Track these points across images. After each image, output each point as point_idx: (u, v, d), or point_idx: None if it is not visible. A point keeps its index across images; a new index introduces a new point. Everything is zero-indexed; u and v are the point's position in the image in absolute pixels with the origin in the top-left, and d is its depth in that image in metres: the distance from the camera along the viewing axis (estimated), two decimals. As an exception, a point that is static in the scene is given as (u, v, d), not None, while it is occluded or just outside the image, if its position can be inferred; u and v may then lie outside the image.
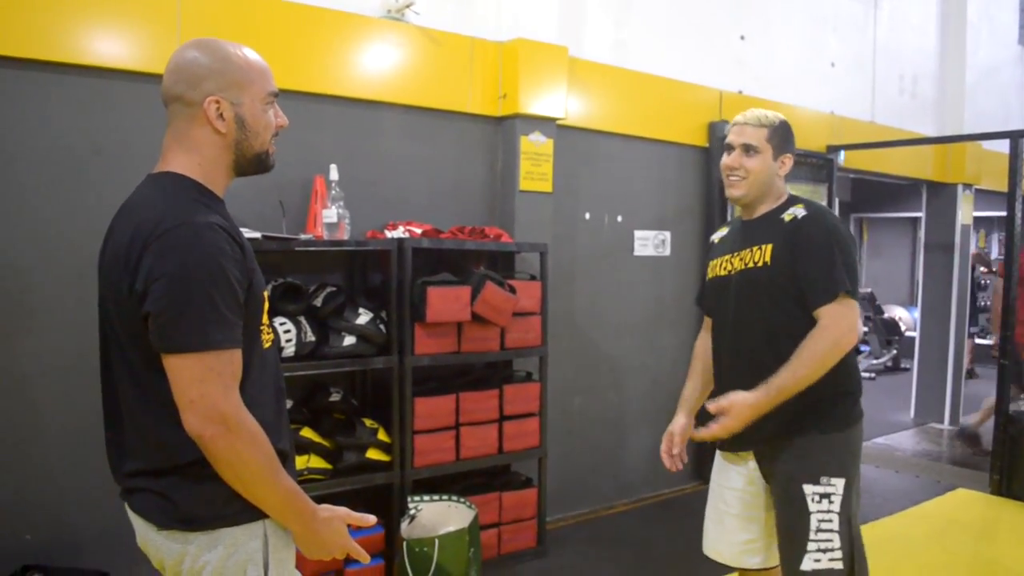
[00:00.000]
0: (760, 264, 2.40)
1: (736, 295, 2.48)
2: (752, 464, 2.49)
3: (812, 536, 2.28)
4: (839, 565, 2.27)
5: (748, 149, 2.45)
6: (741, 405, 2.21)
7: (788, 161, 2.48)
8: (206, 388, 1.46)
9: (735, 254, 2.52)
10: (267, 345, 1.71)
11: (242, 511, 1.59)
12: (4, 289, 3.05)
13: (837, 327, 2.23)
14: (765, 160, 2.45)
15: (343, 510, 1.69)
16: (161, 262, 1.47)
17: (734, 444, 2.47)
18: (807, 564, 2.28)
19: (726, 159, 2.50)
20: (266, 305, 1.69)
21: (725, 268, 2.56)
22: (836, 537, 2.28)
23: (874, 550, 4.22)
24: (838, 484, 2.31)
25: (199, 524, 1.58)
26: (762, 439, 2.40)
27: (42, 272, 3.11)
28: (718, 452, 2.63)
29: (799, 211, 2.41)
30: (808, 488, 2.30)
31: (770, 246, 2.39)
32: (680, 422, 2.67)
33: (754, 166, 2.45)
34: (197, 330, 1.46)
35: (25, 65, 3.03)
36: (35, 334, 3.11)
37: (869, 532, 4.45)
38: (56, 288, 3.12)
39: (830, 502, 2.29)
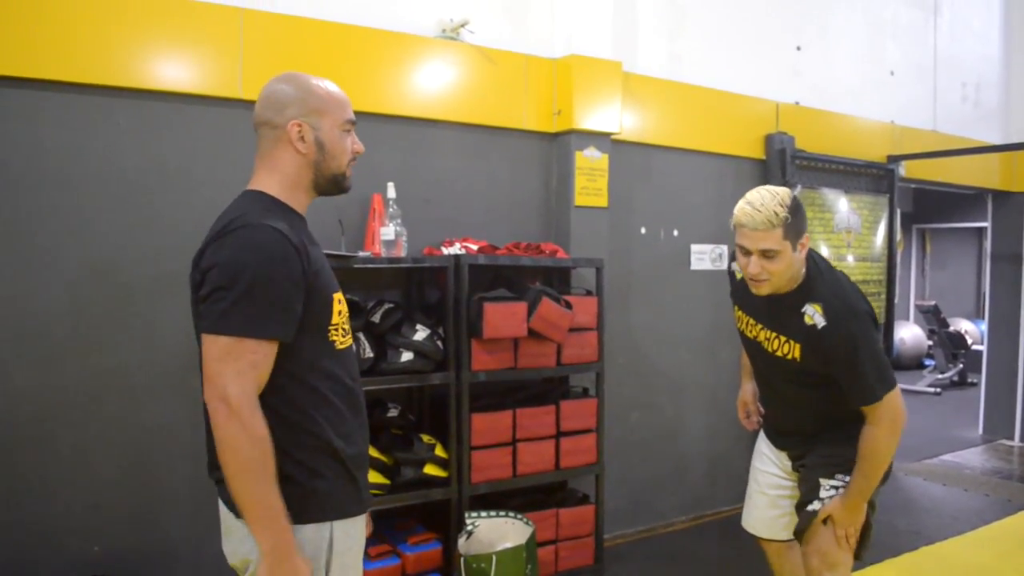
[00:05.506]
0: (791, 358, 2.52)
1: (773, 371, 2.66)
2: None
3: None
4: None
5: (767, 253, 2.39)
6: (839, 515, 2.51)
7: (807, 240, 2.45)
8: (221, 367, 1.58)
9: (760, 327, 2.62)
10: (341, 346, 1.81)
11: (309, 510, 1.68)
12: (66, 309, 3.12)
13: (883, 424, 2.41)
14: (786, 257, 2.40)
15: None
16: (216, 254, 1.64)
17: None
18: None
19: (747, 265, 2.44)
20: (339, 307, 1.81)
21: (752, 332, 2.68)
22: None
23: (943, 571, 4.15)
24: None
25: None
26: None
27: (104, 293, 3.19)
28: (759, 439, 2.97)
29: (818, 317, 2.42)
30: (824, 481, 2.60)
31: (798, 346, 2.49)
32: (748, 388, 3.05)
33: (778, 268, 2.41)
34: (227, 315, 1.59)
35: (94, 91, 3.13)
36: (100, 352, 3.19)
37: (937, 552, 4.42)
38: (116, 309, 3.20)
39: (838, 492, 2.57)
